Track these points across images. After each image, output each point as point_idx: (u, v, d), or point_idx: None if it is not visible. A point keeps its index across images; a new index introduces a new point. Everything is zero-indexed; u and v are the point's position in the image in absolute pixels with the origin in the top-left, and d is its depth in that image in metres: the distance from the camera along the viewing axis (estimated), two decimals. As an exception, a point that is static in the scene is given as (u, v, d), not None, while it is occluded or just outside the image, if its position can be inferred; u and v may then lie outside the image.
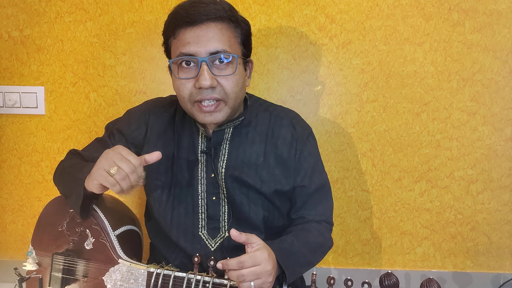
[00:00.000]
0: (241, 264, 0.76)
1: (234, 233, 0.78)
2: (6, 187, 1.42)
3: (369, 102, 1.33)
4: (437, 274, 1.38)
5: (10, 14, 1.34)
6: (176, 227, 0.96)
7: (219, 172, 0.95)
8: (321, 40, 1.31)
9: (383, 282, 0.74)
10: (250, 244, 0.79)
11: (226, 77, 0.86)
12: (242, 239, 0.78)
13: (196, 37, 0.84)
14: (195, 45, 0.84)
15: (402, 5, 1.29)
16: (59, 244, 0.97)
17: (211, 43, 0.84)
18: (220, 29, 0.85)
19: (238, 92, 0.89)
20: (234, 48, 0.87)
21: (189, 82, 0.86)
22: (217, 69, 0.86)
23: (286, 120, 1.00)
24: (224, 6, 0.87)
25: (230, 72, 0.86)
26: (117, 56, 1.34)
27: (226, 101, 0.87)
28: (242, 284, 0.76)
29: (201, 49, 0.83)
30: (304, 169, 0.98)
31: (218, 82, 0.85)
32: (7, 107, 1.37)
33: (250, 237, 0.80)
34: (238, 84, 0.88)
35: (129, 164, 0.79)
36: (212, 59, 0.84)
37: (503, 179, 1.34)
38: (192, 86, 0.86)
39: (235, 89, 0.87)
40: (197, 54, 0.84)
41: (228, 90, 0.86)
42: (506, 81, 1.30)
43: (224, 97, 0.87)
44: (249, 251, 0.78)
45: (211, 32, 0.84)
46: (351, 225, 1.38)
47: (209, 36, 0.84)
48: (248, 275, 0.75)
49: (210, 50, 0.84)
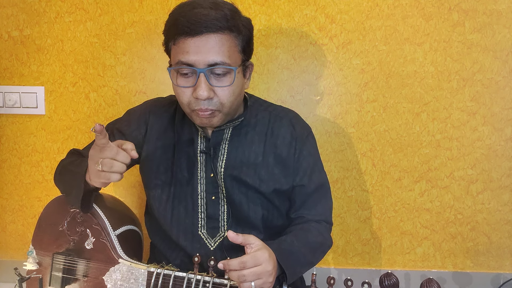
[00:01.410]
0: (242, 264, 0.76)
1: (231, 235, 0.78)
2: (6, 187, 1.42)
3: (369, 102, 1.33)
4: (437, 274, 1.38)
5: (10, 14, 1.34)
6: (176, 226, 0.97)
7: (218, 172, 0.96)
8: (321, 40, 1.31)
9: (383, 282, 0.74)
10: (249, 245, 0.79)
11: (222, 88, 0.86)
12: (239, 240, 0.78)
13: (196, 47, 0.83)
14: (194, 55, 0.83)
15: (402, 5, 1.29)
16: (60, 243, 0.97)
17: (210, 55, 0.83)
18: (220, 40, 0.84)
19: (234, 101, 0.89)
20: (233, 58, 0.86)
21: (187, 90, 0.87)
22: (215, 79, 0.86)
23: (286, 120, 1.00)
24: (225, 13, 0.84)
25: (228, 84, 0.86)
26: (117, 56, 1.34)
27: (221, 110, 0.88)
28: (242, 284, 0.76)
29: (199, 60, 0.83)
30: (304, 169, 0.98)
31: (215, 93, 0.86)
32: (7, 107, 1.37)
33: (248, 237, 0.80)
34: (235, 93, 0.88)
35: (108, 149, 0.78)
36: (210, 70, 0.84)
37: (503, 179, 1.34)
38: (190, 95, 0.87)
39: (231, 98, 0.88)
40: (196, 65, 0.84)
41: (224, 100, 0.87)
42: (506, 81, 1.30)
43: (219, 107, 0.88)
44: (249, 251, 0.78)
45: (210, 44, 0.83)
46: (351, 225, 1.38)
47: (208, 47, 0.83)
48: (249, 275, 0.75)
49: (209, 61, 0.83)
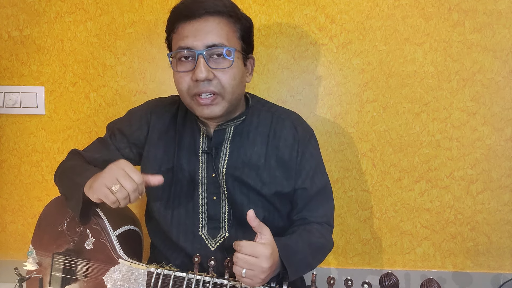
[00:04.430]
0: (239, 247, 0.77)
1: (251, 214, 0.77)
2: (6, 187, 1.42)
3: (369, 102, 1.33)
4: (437, 274, 1.38)
5: (10, 14, 1.34)
6: (177, 226, 0.96)
7: (220, 172, 0.95)
8: (321, 40, 1.31)
9: (383, 282, 0.74)
10: (260, 234, 0.79)
11: (223, 70, 0.86)
12: (255, 223, 0.78)
13: (194, 30, 0.85)
14: (193, 39, 0.85)
15: (402, 5, 1.29)
16: (60, 244, 0.97)
17: (209, 37, 0.84)
18: (218, 23, 0.86)
19: (236, 86, 0.89)
20: (232, 42, 0.88)
21: (187, 75, 0.87)
22: (214, 62, 0.86)
23: (288, 122, 1.00)
24: (225, 2, 0.88)
25: (227, 65, 0.86)
26: (117, 56, 1.34)
27: (223, 95, 0.88)
28: (234, 267, 0.77)
29: (198, 42, 0.84)
30: (306, 171, 0.98)
31: (214, 75, 0.86)
32: (7, 107, 1.37)
33: (263, 227, 0.79)
34: (236, 78, 0.88)
35: (131, 182, 0.78)
36: (209, 52, 0.85)
37: (503, 179, 1.34)
38: (190, 79, 0.87)
39: (232, 82, 0.87)
40: (195, 47, 0.85)
41: (225, 83, 0.86)
42: (506, 81, 1.30)
43: (221, 90, 0.87)
44: (257, 241, 0.78)
45: (209, 26, 0.85)
46: (351, 225, 1.38)
47: (207, 29, 0.85)
48: (240, 261, 0.76)
49: (207, 43, 0.84)
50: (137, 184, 0.79)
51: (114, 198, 0.78)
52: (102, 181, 0.79)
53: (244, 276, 0.76)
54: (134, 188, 0.78)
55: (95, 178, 0.82)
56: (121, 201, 0.79)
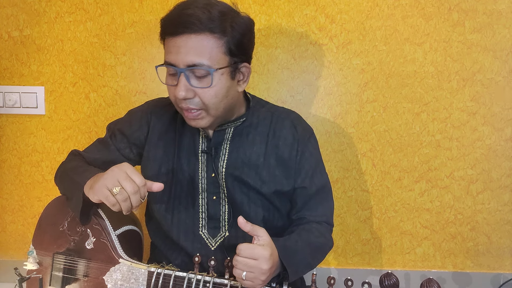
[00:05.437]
0: (238, 250, 0.77)
1: (241, 220, 0.78)
2: (6, 187, 1.42)
3: (369, 102, 1.33)
4: (437, 274, 1.38)
5: (10, 14, 1.34)
6: (177, 226, 0.97)
7: (219, 171, 0.96)
8: (321, 40, 1.31)
9: (383, 282, 0.74)
10: (257, 237, 0.79)
11: (203, 89, 0.85)
12: (248, 228, 0.79)
13: (177, 47, 0.84)
14: (175, 56, 0.84)
15: (402, 5, 1.29)
16: (60, 243, 0.97)
17: (189, 56, 0.83)
18: (200, 41, 0.83)
19: (219, 103, 0.88)
20: (215, 60, 0.84)
21: (173, 89, 0.87)
22: (196, 80, 0.85)
23: (288, 121, 1.00)
24: (212, 15, 0.82)
25: (207, 85, 0.85)
26: (117, 56, 1.34)
27: (206, 110, 0.88)
28: (234, 269, 0.78)
29: (179, 60, 0.84)
30: (305, 170, 0.98)
31: (196, 93, 0.86)
32: (7, 107, 1.37)
33: (257, 229, 0.80)
34: (218, 95, 0.87)
35: (132, 184, 0.78)
36: (190, 70, 0.84)
37: (503, 179, 1.34)
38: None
39: (214, 100, 0.86)
40: (177, 65, 0.84)
41: (206, 101, 0.86)
42: (506, 81, 1.30)
43: (203, 107, 0.87)
44: (255, 243, 0.79)
45: (189, 44, 0.83)
46: (351, 225, 1.38)
47: (187, 48, 0.83)
48: (240, 263, 0.76)
49: (188, 62, 0.83)
50: (138, 186, 0.79)
51: (114, 200, 0.78)
52: (103, 183, 0.79)
53: (245, 278, 0.76)
54: (135, 190, 0.78)
55: (96, 179, 0.82)
56: (121, 203, 0.79)
